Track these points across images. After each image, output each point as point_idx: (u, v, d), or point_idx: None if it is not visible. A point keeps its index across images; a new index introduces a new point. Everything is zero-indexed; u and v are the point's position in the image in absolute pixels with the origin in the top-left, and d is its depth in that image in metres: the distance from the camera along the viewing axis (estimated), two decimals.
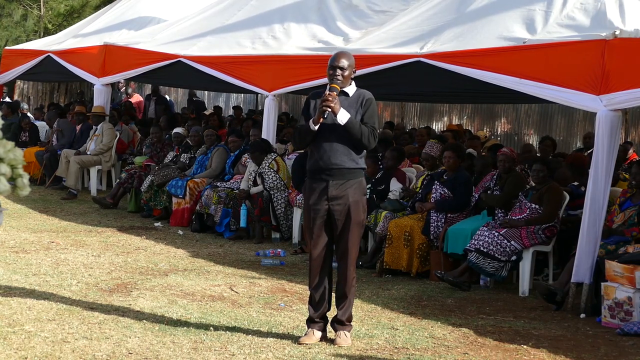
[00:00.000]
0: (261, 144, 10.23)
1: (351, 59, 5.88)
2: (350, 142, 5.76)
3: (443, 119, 18.63)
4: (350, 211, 5.77)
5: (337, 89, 5.74)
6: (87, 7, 22.73)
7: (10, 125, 14.99)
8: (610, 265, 6.72)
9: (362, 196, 5.87)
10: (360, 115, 5.80)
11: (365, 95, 5.86)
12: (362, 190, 5.86)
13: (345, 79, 5.81)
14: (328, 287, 5.92)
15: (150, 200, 11.29)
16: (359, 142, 5.75)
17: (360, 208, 5.83)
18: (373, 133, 5.76)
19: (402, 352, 5.74)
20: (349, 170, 5.78)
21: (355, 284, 5.93)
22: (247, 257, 8.97)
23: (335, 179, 5.77)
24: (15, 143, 4.05)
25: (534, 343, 6.11)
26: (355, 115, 5.77)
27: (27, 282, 7.27)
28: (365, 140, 5.73)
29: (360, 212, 5.82)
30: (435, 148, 9.23)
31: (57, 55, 14.34)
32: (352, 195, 5.77)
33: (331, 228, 5.85)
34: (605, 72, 6.91)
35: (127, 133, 14.62)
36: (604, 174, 6.96)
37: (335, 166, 5.76)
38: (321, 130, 5.77)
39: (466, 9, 8.75)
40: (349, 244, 5.79)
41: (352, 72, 5.86)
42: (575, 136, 16.23)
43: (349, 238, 5.79)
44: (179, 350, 5.53)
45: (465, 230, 8.11)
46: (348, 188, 5.77)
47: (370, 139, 5.75)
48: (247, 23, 11.47)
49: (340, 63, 5.79)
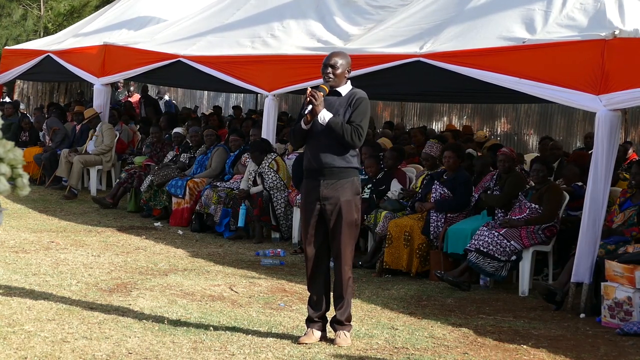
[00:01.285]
0: (261, 144, 10.23)
1: (345, 58, 5.88)
2: (336, 141, 5.75)
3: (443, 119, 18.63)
4: (341, 211, 5.75)
5: (324, 90, 5.77)
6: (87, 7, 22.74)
7: (10, 125, 14.99)
8: (610, 265, 6.72)
9: (355, 196, 5.82)
10: (349, 114, 5.79)
11: (357, 94, 5.85)
12: (354, 190, 5.82)
13: (338, 77, 5.81)
14: (326, 287, 5.91)
15: (150, 200, 11.29)
16: (342, 140, 5.73)
17: (353, 208, 5.79)
18: (357, 131, 5.71)
19: (402, 352, 5.74)
20: (340, 170, 5.77)
21: (352, 283, 5.90)
22: (247, 257, 8.97)
23: (326, 179, 5.77)
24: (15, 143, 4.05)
25: (533, 343, 6.11)
26: (344, 115, 5.77)
27: (27, 282, 7.27)
28: (349, 139, 5.70)
29: (352, 212, 5.79)
30: (435, 148, 9.23)
31: (56, 55, 14.34)
32: (343, 195, 5.76)
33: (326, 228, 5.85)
34: (605, 72, 6.91)
35: (127, 133, 14.62)
36: (603, 174, 6.96)
37: (326, 166, 5.77)
38: (313, 131, 5.79)
39: (466, 6, 8.75)
40: (342, 244, 5.77)
41: (345, 71, 5.85)
42: (575, 136, 16.24)
43: (341, 238, 5.77)
44: (179, 350, 5.53)
45: (465, 230, 8.11)
46: (339, 188, 5.76)
47: (354, 137, 5.71)
48: (247, 22, 11.47)
49: (332, 61, 5.81)
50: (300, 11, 10.91)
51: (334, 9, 10.53)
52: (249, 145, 10.82)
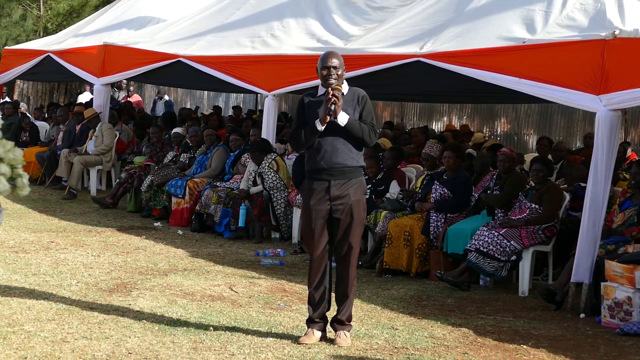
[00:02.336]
0: (261, 144, 10.23)
1: (341, 58, 5.91)
2: (351, 141, 5.79)
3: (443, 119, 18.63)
4: (352, 210, 5.78)
5: (340, 90, 5.77)
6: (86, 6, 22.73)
7: (10, 125, 14.98)
8: (610, 265, 6.72)
9: (363, 195, 5.91)
10: (358, 113, 5.82)
11: (359, 93, 5.91)
12: (362, 189, 5.90)
13: (339, 78, 5.83)
14: (328, 287, 5.92)
15: (149, 200, 11.29)
16: (361, 140, 5.80)
17: (361, 207, 5.86)
18: (373, 130, 5.83)
19: (401, 352, 5.74)
20: (350, 169, 5.80)
21: (355, 283, 5.95)
22: (247, 257, 8.97)
23: (337, 179, 5.79)
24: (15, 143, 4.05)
25: (533, 343, 6.11)
26: (353, 114, 5.80)
27: (27, 282, 7.27)
28: (367, 138, 5.79)
29: (361, 211, 5.86)
30: (435, 148, 9.23)
31: (56, 55, 14.33)
32: (353, 195, 5.80)
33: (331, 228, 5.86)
34: (605, 72, 6.91)
35: (126, 133, 14.61)
36: (603, 174, 6.96)
37: (337, 165, 5.77)
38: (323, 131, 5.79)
39: (466, 7, 8.75)
40: (352, 244, 5.81)
41: (343, 71, 5.89)
42: (575, 136, 16.24)
43: (351, 237, 5.81)
44: (179, 350, 5.53)
45: (465, 230, 8.11)
46: (350, 187, 5.79)
47: (372, 136, 5.82)
48: (246, 22, 11.47)
49: (332, 63, 5.82)
50: (300, 11, 10.91)
51: (334, 8, 10.54)
52: (249, 145, 10.82)
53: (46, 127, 16.04)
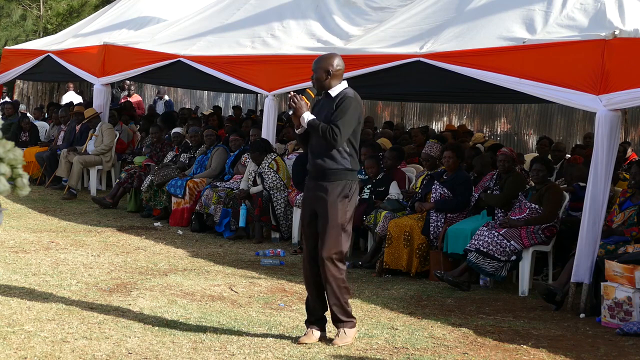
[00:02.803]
0: (261, 144, 10.23)
1: (322, 62, 5.84)
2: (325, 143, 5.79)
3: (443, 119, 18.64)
4: (327, 213, 5.72)
5: (309, 94, 5.85)
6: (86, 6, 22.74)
7: (10, 125, 14.98)
8: (610, 265, 6.72)
9: (343, 199, 5.75)
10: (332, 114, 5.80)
11: (344, 94, 5.82)
12: (343, 192, 5.76)
13: (316, 82, 5.85)
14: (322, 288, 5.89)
15: (149, 200, 11.29)
16: (325, 141, 5.73)
17: (337, 210, 5.73)
18: (331, 130, 5.67)
19: (401, 352, 5.74)
20: (331, 172, 5.77)
21: (342, 284, 5.78)
22: (247, 257, 8.97)
23: (319, 180, 5.82)
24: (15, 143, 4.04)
25: (533, 343, 6.11)
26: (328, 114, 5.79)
27: (27, 282, 7.27)
28: (325, 139, 5.70)
29: (337, 214, 5.72)
30: (435, 148, 9.23)
31: (56, 55, 14.34)
32: (329, 197, 5.74)
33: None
34: (605, 72, 6.91)
35: (126, 133, 14.61)
36: (603, 173, 6.96)
37: (318, 167, 5.82)
38: (309, 133, 5.85)
39: (466, 7, 8.75)
40: (325, 245, 5.71)
41: (324, 74, 5.82)
42: (575, 136, 16.24)
43: (325, 239, 5.72)
44: (179, 350, 5.53)
45: (465, 230, 8.11)
46: (327, 189, 5.76)
47: (327, 137, 5.68)
48: (246, 22, 11.48)
49: (312, 67, 5.88)
50: (300, 11, 10.91)
51: (334, 9, 10.54)
52: (249, 145, 10.82)
53: (46, 127, 16.03)
